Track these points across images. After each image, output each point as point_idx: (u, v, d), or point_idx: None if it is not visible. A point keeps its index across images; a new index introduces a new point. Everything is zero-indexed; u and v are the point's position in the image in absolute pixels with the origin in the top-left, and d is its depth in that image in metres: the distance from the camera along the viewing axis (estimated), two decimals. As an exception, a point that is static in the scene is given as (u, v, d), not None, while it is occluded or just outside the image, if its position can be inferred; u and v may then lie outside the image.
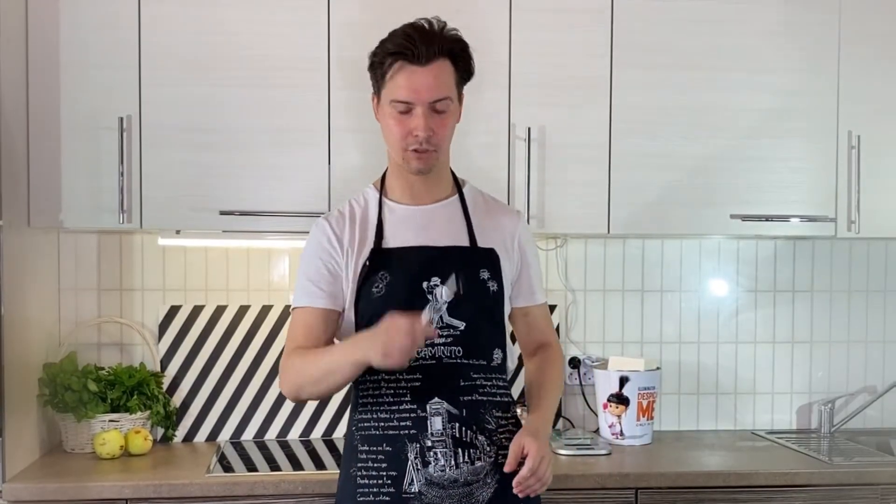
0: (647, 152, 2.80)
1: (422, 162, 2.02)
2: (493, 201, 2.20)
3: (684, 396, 3.25)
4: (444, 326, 2.00)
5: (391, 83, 1.99)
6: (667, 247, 3.24)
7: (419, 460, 1.97)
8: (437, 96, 1.97)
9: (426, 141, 1.98)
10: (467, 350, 2.01)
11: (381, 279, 2.02)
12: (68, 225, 2.65)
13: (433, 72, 1.97)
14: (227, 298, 3.06)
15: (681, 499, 2.58)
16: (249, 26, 2.67)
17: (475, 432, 1.99)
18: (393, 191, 2.12)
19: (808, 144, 2.86)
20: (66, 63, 2.62)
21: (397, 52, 1.97)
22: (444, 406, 1.98)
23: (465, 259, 2.05)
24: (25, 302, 2.64)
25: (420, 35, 1.97)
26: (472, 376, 2.02)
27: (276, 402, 3.03)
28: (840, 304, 3.31)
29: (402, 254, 2.04)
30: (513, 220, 2.17)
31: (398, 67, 1.97)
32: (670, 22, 2.80)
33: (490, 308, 2.06)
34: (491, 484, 1.99)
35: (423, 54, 1.95)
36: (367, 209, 2.11)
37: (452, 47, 2.00)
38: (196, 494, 2.45)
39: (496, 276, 2.07)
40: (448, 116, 2.02)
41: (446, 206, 2.11)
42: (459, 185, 2.16)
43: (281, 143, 2.68)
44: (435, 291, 2.00)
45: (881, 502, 2.64)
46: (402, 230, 2.07)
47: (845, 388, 3.31)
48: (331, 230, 2.09)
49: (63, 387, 2.72)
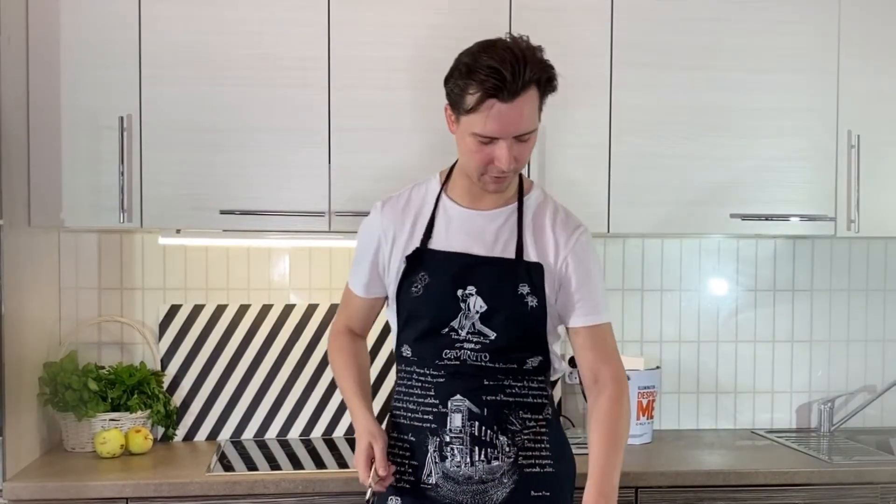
0: (647, 152, 2.80)
1: (499, 186, 1.99)
2: (557, 213, 2.10)
3: (684, 395, 3.25)
4: (476, 332, 2.00)
5: (475, 116, 1.89)
6: (666, 246, 3.24)
7: (437, 454, 2.01)
8: (524, 130, 1.91)
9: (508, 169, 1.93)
10: (494, 357, 2.01)
11: (420, 280, 2.03)
12: (69, 224, 2.66)
13: (519, 107, 1.87)
14: (227, 298, 3.06)
15: (680, 498, 2.58)
16: (250, 25, 2.66)
17: (496, 432, 2.00)
18: (454, 188, 2.09)
19: (808, 144, 2.86)
20: (67, 62, 2.62)
21: (483, 88, 1.86)
22: (466, 404, 2.00)
23: (504, 271, 2.02)
24: (26, 301, 2.64)
25: (509, 69, 1.84)
26: (497, 377, 2.02)
27: (277, 402, 3.03)
28: (840, 304, 3.32)
29: (444, 258, 2.03)
30: (567, 236, 2.06)
31: (483, 105, 1.87)
32: (670, 21, 2.80)
33: (525, 323, 2.02)
34: (507, 484, 2.01)
35: (511, 90, 1.85)
36: (425, 203, 2.10)
37: (540, 76, 1.90)
38: (196, 493, 2.45)
39: (537, 292, 2.02)
40: (531, 141, 1.96)
41: (501, 214, 2.07)
42: (523, 191, 2.10)
43: (281, 143, 2.68)
44: (468, 300, 2.00)
45: (881, 501, 2.64)
46: (451, 233, 2.05)
47: (845, 387, 3.31)
48: (381, 221, 2.11)
49: (63, 386, 2.72)
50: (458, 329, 2.01)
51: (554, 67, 1.95)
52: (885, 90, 2.89)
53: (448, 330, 2.01)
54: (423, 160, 2.69)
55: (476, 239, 2.05)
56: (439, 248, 2.04)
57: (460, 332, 2.00)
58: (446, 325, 2.01)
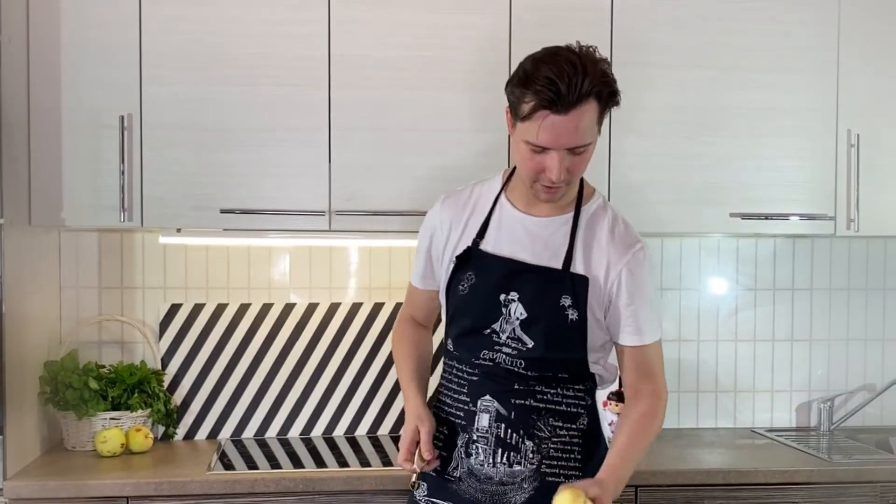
0: (647, 151, 2.80)
1: (550, 195, 1.97)
2: (615, 226, 2.05)
3: (684, 394, 3.25)
4: (516, 338, 2.00)
5: (529, 124, 1.86)
6: (667, 245, 3.24)
7: (464, 449, 2.04)
8: (577, 143, 1.87)
9: (558, 181, 1.90)
10: (529, 365, 2.00)
11: (467, 278, 2.04)
12: (69, 223, 2.66)
13: (575, 120, 1.83)
14: (227, 297, 3.06)
15: (680, 496, 2.58)
16: (250, 25, 2.67)
17: (521, 437, 2.00)
18: (514, 190, 2.08)
19: (808, 143, 2.87)
20: (68, 61, 2.62)
21: (537, 98, 1.82)
22: (495, 405, 2.01)
23: (549, 281, 2.00)
24: (26, 300, 2.65)
25: (566, 82, 1.80)
26: (529, 383, 2.01)
27: (277, 400, 3.04)
28: (839, 303, 3.32)
29: (492, 261, 2.03)
30: (621, 252, 2.01)
31: (537, 114, 1.84)
32: (669, 21, 2.80)
33: (564, 335, 1.99)
34: (527, 490, 2.00)
35: (566, 102, 1.81)
36: (484, 201, 2.10)
37: (601, 90, 1.85)
38: (197, 492, 2.45)
39: (578, 305, 1.98)
40: (587, 154, 1.92)
41: (555, 223, 2.04)
42: (582, 199, 2.06)
43: (282, 142, 2.68)
44: (510, 306, 2.00)
45: (880, 500, 2.65)
46: (503, 236, 2.05)
47: (844, 385, 3.32)
48: (440, 216, 2.13)
49: (64, 385, 2.72)
50: (500, 332, 2.01)
51: (616, 81, 1.90)
52: (885, 89, 2.89)
53: (490, 332, 2.02)
54: (424, 159, 2.70)
55: (526, 245, 2.03)
56: (488, 250, 2.04)
57: (501, 335, 2.01)
58: (488, 327, 2.02)
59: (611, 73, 1.90)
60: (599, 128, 1.92)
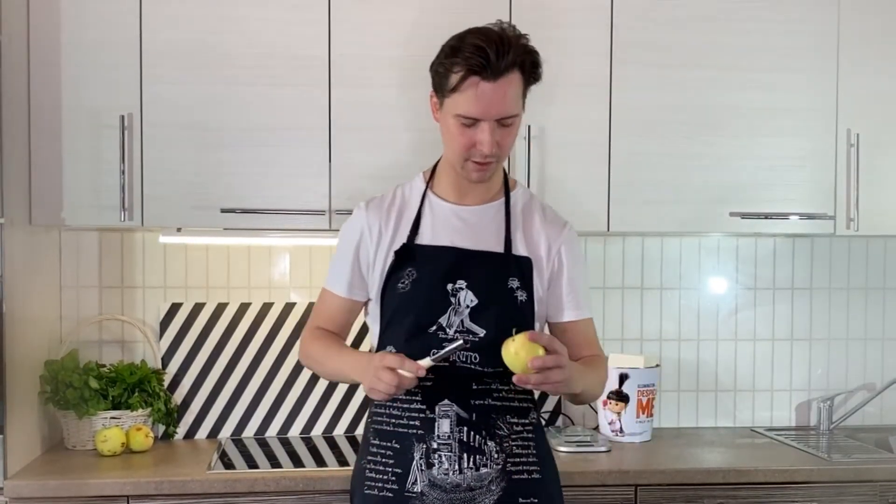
0: (647, 150, 2.80)
1: (482, 173, 1.99)
2: (542, 208, 2.14)
3: (684, 394, 3.26)
4: (465, 331, 1.97)
5: (458, 96, 1.91)
6: (666, 244, 3.25)
7: (424, 461, 1.96)
8: (506, 113, 1.92)
9: (490, 154, 1.94)
10: (485, 357, 1.98)
11: (407, 275, 2.01)
12: (70, 222, 2.66)
13: (503, 88, 1.89)
14: (228, 296, 3.06)
15: (680, 495, 2.58)
16: (251, 24, 2.67)
17: (484, 438, 1.97)
18: (440, 185, 2.09)
19: (808, 142, 2.87)
20: (68, 60, 2.63)
21: (467, 65, 1.88)
22: (454, 409, 1.96)
23: (494, 265, 2.02)
24: (27, 299, 2.65)
25: (494, 48, 1.87)
26: (485, 381, 1.99)
27: (277, 400, 3.04)
28: (839, 302, 3.32)
29: (433, 252, 2.02)
30: (557, 231, 2.10)
31: (467, 82, 1.89)
32: (670, 20, 2.80)
33: (515, 318, 1.98)
34: (495, 491, 1.97)
35: (495, 69, 1.87)
36: (410, 200, 2.10)
37: (524, 59, 1.92)
38: (197, 491, 2.45)
39: (526, 286, 2.03)
40: (514, 128, 1.97)
41: (489, 209, 2.08)
42: (508, 187, 2.12)
43: (282, 141, 2.68)
44: (459, 295, 1.98)
45: (880, 499, 2.65)
46: (438, 228, 2.05)
47: (844, 385, 3.32)
48: (366, 219, 2.09)
49: (64, 384, 2.72)
50: (447, 327, 1.97)
51: (539, 54, 1.96)
52: (885, 89, 2.90)
53: (436, 328, 1.98)
54: (424, 158, 2.68)
55: (463, 234, 2.04)
56: (427, 243, 2.04)
57: (448, 330, 1.97)
58: (434, 323, 1.98)
59: (533, 46, 1.96)
60: (524, 102, 1.98)
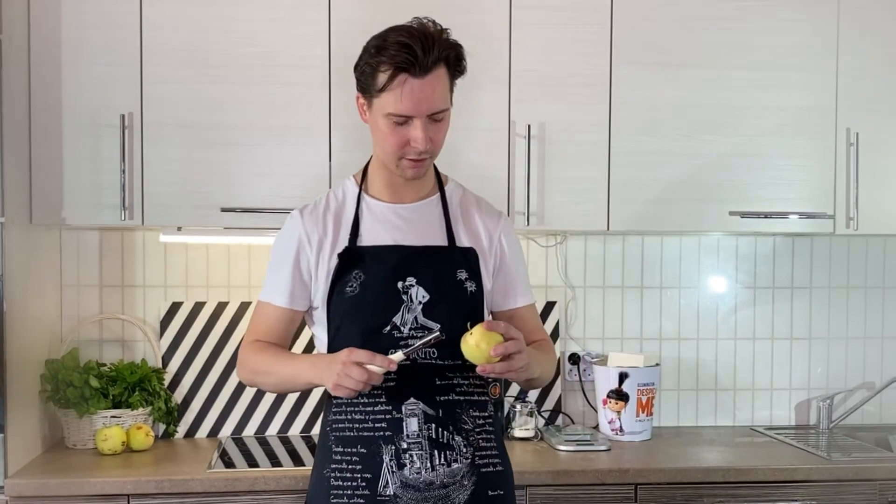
0: (647, 149, 2.81)
1: (417, 170, 1.99)
2: (476, 200, 2.15)
3: (683, 392, 3.26)
4: (419, 328, 1.96)
5: (387, 95, 1.89)
6: (666, 244, 3.25)
7: (394, 462, 1.93)
8: (437, 108, 1.92)
9: (425, 150, 1.94)
10: (442, 352, 1.97)
11: (355, 278, 1.98)
12: (70, 222, 2.66)
13: (431, 83, 1.89)
14: (228, 295, 3.07)
15: (680, 494, 2.59)
16: (251, 24, 2.67)
17: (452, 433, 1.96)
18: (373, 186, 2.07)
19: (807, 142, 2.87)
20: (68, 60, 2.63)
21: (394, 63, 1.87)
22: (420, 407, 1.94)
23: (441, 259, 2.02)
24: (28, 298, 2.65)
25: (419, 44, 1.86)
26: (447, 375, 1.98)
27: (278, 398, 3.04)
28: (838, 301, 3.33)
29: (378, 252, 2.00)
30: (494, 220, 2.12)
31: (396, 80, 1.88)
32: (669, 19, 2.81)
33: (467, 309, 2.00)
34: (467, 486, 1.96)
35: (422, 65, 1.87)
36: (345, 204, 2.07)
37: (448, 54, 1.92)
38: (197, 490, 2.46)
39: (474, 277, 2.03)
40: (445, 123, 1.97)
41: (426, 205, 2.07)
42: (442, 182, 2.12)
43: (282, 140, 2.69)
44: (410, 292, 1.97)
45: (879, 498, 2.65)
46: (378, 228, 2.03)
47: (844, 384, 3.32)
48: (303, 227, 2.04)
49: (65, 383, 2.73)
50: (401, 326, 1.95)
51: (463, 48, 1.96)
52: (885, 88, 2.90)
53: (390, 328, 1.95)
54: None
55: (405, 231, 2.03)
56: (370, 244, 2.02)
57: (403, 328, 1.95)
58: (388, 323, 1.95)
59: (455, 40, 1.95)
60: (451, 97, 1.98)
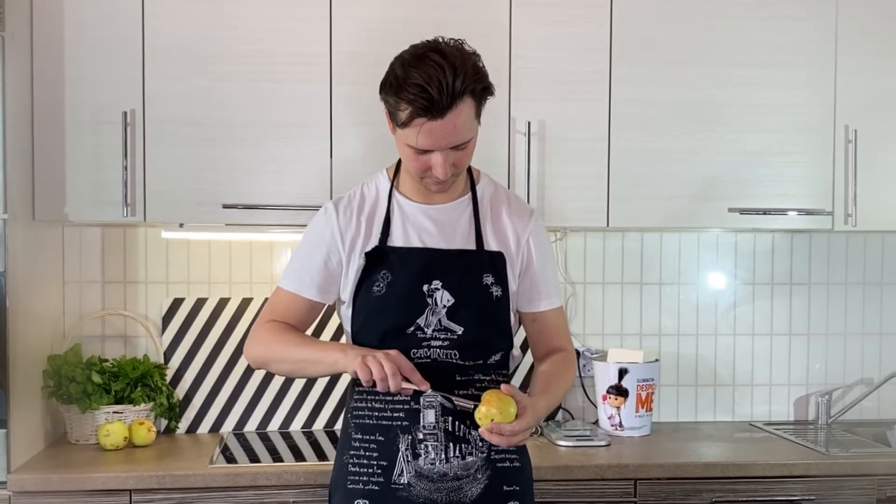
0: (646, 146, 2.81)
1: (441, 188, 2.00)
2: (507, 198, 2.13)
3: (683, 388, 3.27)
4: (443, 329, 1.97)
5: (407, 130, 1.87)
6: (665, 240, 3.26)
7: (410, 452, 1.96)
8: (458, 141, 1.89)
9: (444, 179, 1.93)
10: (464, 354, 1.99)
11: (382, 278, 2.00)
12: (72, 218, 2.67)
13: (452, 120, 1.84)
14: (229, 291, 3.08)
15: (679, 489, 2.60)
16: (252, 21, 2.68)
17: (468, 427, 1.97)
18: (405, 184, 2.07)
19: (806, 138, 2.88)
20: (71, 57, 2.64)
21: (412, 107, 1.83)
22: (438, 399, 1.95)
23: (468, 263, 2.02)
24: (30, 294, 2.66)
25: (436, 87, 1.81)
26: (469, 372, 2.00)
27: (279, 394, 3.05)
28: (837, 297, 3.34)
29: (406, 254, 2.01)
30: (524, 221, 2.10)
31: (414, 122, 1.85)
32: (669, 17, 2.81)
33: (492, 314, 2.01)
34: (481, 480, 1.98)
35: (440, 107, 1.82)
36: (378, 201, 2.07)
37: (474, 87, 1.86)
38: (199, 485, 2.47)
39: (501, 282, 2.03)
40: (469, 147, 1.94)
41: (456, 206, 2.06)
42: (473, 181, 2.10)
43: (283, 137, 2.69)
44: (435, 295, 1.98)
45: (878, 493, 2.66)
46: (408, 229, 2.03)
47: (842, 379, 3.33)
48: (337, 223, 2.05)
49: (67, 378, 2.74)
50: (425, 327, 1.97)
51: (487, 75, 1.91)
52: (883, 85, 2.90)
53: (414, 329, 1.97)
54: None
55: (434, 233, 2.04)
56: (400, 245, 2.03)
57: (426, 329, 1.97)
58: (412, 324, 1.97)
59: (482, 65, 1.90)
60: (479, 119, 1.95)
